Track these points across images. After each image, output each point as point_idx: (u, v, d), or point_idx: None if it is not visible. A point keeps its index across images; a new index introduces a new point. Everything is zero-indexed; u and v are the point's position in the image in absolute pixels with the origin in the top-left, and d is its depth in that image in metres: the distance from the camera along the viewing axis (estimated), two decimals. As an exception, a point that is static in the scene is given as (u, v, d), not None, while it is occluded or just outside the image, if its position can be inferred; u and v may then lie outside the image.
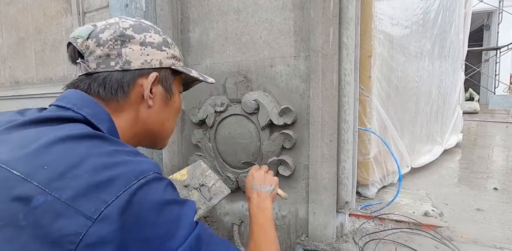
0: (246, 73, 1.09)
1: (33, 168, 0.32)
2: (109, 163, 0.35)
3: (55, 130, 0.38)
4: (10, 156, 0.33)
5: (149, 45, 0.51)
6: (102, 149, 0.37)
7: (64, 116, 0.41)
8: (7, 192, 0.31)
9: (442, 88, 2.13)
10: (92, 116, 0.44)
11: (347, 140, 0.97)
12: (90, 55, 0.48)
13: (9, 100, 2.00)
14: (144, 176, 0.36)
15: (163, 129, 0.57)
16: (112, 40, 0.48)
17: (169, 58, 0.54)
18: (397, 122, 1.52)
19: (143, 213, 0.34)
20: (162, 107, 0.54)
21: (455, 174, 1.82)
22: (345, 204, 0.99)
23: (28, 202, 0.30)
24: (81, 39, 0.48)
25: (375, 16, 1.27)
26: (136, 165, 0.37)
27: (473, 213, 1.20)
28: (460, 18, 2.28)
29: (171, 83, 0.55)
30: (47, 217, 0.30)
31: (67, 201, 0.31)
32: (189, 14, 1.20)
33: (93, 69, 0.48)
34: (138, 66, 0.50)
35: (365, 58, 1.26)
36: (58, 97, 0.47)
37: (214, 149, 1.15)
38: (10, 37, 1.95)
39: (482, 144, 2.84)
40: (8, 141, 0.36)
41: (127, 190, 0.33)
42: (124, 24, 0.50)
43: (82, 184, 0.32)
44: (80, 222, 0.30)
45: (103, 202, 0.32)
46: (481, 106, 6.53)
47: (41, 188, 0.31)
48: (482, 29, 9.91)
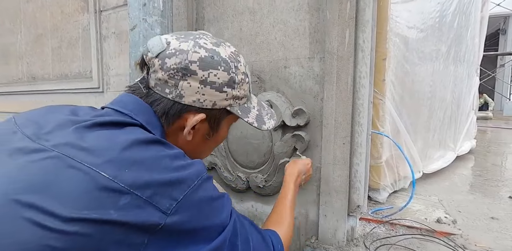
0: (259, 74, 1.09)
1: (118, 170, 0.37)
2: (174, 166, 0.41)
3: (124, 133, 0.43)
4: (96, 159, 0.38)
5: (208, 85, 0.50)
6: (166, 152, 0.43)
7: (124, 121, 0.45)
8: (100, 191, 0.36)
9: (456, 93, 2.08)
10: (147, 123, 0.48)
11: (361, 143, 0.95)
12: (153, 73, 0.50)
13: (26, 95, 2.05)
14: (201, 177, 0.43)
15: (197, 156, 0.58)
16: (174, 69, 0.48)
17: (227, 99, 0.53)
18: (410, 127, 1.49)
19: (202, 205, 0.42)
20: (200, 142, 0.56)
21: (469, 181, 1.78)
22: (357, 208, 0.98)
23: (118, 200, 0.36)
24: (151, 54, 0.49)
25: (390, 18, 1.25)
26: (194, 167, 0.44)
27: (487, 222, 1.17)
28: (476, 22, 2.23)
29: (221, 121, 0.56)
30: (133, 211, 0.36)
31: (148, 198, 0.37)
32: (204, 14, 1.20)
33: (151, 86, 0.51)
34: (189, 103, 0.50)
35: (380, 61, 1.24)
36: (114, 101, 0.50)
37: (225, 148, 1.16)
38: (29, 34, 2.00)
39: (496, 151, 2.77)
40: (87, 142, 0.40)
41: (191, 188, 0.41)
42: (193, 56, 0.48)
43: (157, 184, 0.38)
44: (159, 216, 0.37)
45: (174, 199, 0.39)
46: (496, 113, 6.36)
47: (127, 188, 0.36)
48: (498, 34, 9.68)
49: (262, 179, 1.08)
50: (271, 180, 1.07)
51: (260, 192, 1.11)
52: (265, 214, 1.13)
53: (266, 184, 1.08)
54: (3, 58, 2.20)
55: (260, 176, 1.08)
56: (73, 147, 0.39)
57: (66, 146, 0.39)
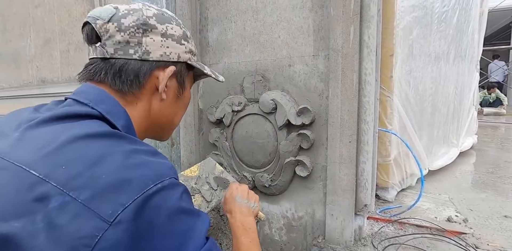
0: (264, 73, 1.09)
1: (52, 168, 0.32)
2: (126, 164, 0.34)
3: (72, 127, 0.37)
4: (29, 157, 0.33)
5: (170, 38, 0.50)
6: (120, 148, 0.36)
7: (80, 113, 0.41)
8: (27, 193, 0.30)
9: (458, 89, 2.05)
10: (108, 113, 0.43)
11: (367, 141, 0.94)
12: (108, 39, 0.46)
13: (35, 98, 2.09)
14: (161, 181, 0.35)
15: (172, 123, 0.57)
16: (134, 27, 0.46)
17: (186, 52, 0.53)
18: (415, 124, 1.47)
19: (158, 219, 0.33)
20: (173, 101, 0.54)
21: (480, 179, 1.74)
22: (364, 207, 0.96)
23: (47, 203, 0.30)
24: (101, 21, 0.45)
25: (397, 14, 1.23)
26: (154, 167, 0.36)
27: (500, 220, 1.14)
28: (476, 17, 2.20)
29: (185, 77, 0.55)
30: (64, 218, 0.29)
31: (84, 201, 0.30)
32: (207, 14, 1.21)
33: (110, 54, 0.46)
34: (157, 58, 0.49)
35: (387, 57, 1.22)
36: (75, 91, 0.47)
37: (231, 148, 1.16)
38: (38, 38, 2.04)
39: (509, 148, 2.70)
40: (27, 141, 0.36)
41: (144, 193, 0.32)
42: (148, 12, 0.48)
43: (100, 184, 0.31)
44: (96, 224, 0.30)
45: (120, 204, 0.31)
46: (508, 108, 6.19)
47: (59, 188, 0.30)
48: (509, 27, 9.41)
49: (268, 178, 1.07)
50: (277, 179, 1.06)
51: (266, 192, 1.11)
52: (271, 213, 1.13)
53: (272, 184, 1.07)
54: (14, 62, 2.25)
55: (265, 175, 1.08)
56: (12, 147, 0.35)
57: (6, 147, 0.35)
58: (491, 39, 10.58)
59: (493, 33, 10.10)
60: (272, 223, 1.14)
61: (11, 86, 2.30)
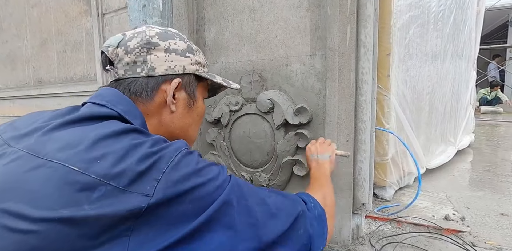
0: (261, 72, 1.09)
1: (89, 162, 0.36)
2: (151, 151, 0.39)
3: (97, 127, 0.41)
4: (65, 154, 0.36)
5: (173, 52, 0.53)
6: (142, 140, 0.41)
7: (100, 114, 0.45)
8: (71, 186, 0.34)
9: (456, 87, 2.07)
10: (126, 113, 0.47)
11: (364, 140, 0.94)
12: (119, 62, 0.51)
13: (33, 99, 2.08)
14: (179, 152, 0.41)
15: (187, 134, 0.59)
16: (138, 47, 0.50)
17: (193, 64, 0.55)
18: (412, 122, 1.48)
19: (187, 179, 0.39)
20: (184, 113, 0.56)
21: (477, 177, 1.75)
22: (362, 206, 0.97)
23: (91, 193, 0.34)
24: (111, 47, 0.51)
25: (394, 13, 1.24)
26: (171, 146, 0.42)
27: (497, 218, 1.14)
28: (473, 16, 2.21)
29: (195, 89, 0.57)
30: (111, 203, 0.34)
31: (125, 187, 0.35)
32: (204, 13, 1.20)
33: (121, 76, 0.51)
34: (162, 73, 0.51)
35: (384, 56, 1.23)
36: (93, 95, 0.50)
37: (228, 148, 1.16)
38: (34, 39, 2.03)
39: (507, 146, 2.72)
40: (57, 140, 0.39)
41: (169, 165, 0.38)
42: (150, 32, 0.52)
43: (133, 171, 0.36)
44: (140, 199, 0.35)
45: (154, 179, 0.37)
46: (505, 107, 6.21)
47: (100, 180, 0.35)
48: (506, 26, 9.45)
49: (266, 178, 1.07)
50: (275, 179, 1.06)
51: (264, 191, 1.11)
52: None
53: (269, 183, 1.07)
54: (10, 63, 2.24)
55: (263, 175, 1.08)
56: (41, 146, 0.38)
57: (35, 145, 0.38)
58: (488, 38, 10.62)
59: (490, 32, 10.14)
60: (271, 222, 1.14)
61: (7, 87, 2.29)
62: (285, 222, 0.45)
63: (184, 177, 0.39)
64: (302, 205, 0.51)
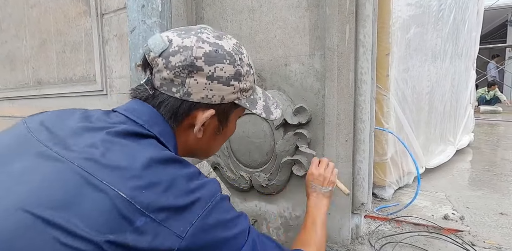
0: (260, 72, 1.09)
1: (135, 191, 0.37)
2: (190, 188, 0.41)
3: (144, 150, 0.43)
4: (116, 178, 0.38)
5: (216, 80, 0.49)
6: (182, 172, 0.43)
7: (139, 132, 0.45)
8: (118, 211, 0.36)
9: (455, 87, 2.07)
10: (161, 135, 0.48)
11: (363, 140, 0.94)
12: (157, 72, 0.49)
13: (32, 99, 2.08)
14: (215, 198, 0.43)
15: (208, 153, 0.61)
16: (180, 67, 0.47)
17: (235, 92, 0.52)
18: (412, 122, 1.48)
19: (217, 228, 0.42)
20: (210, 138, 0.56)
21: (477, 176, 1.75)
22: (361, 206, 0.97)
23: (133, 222, 0.36)
24: (153, 54, 0.48)
25: (393, 13, 1.24)
26: (207, 187, 0.44)
27: (496, 218, 1.15)
28: (472, 15, 2.21)
29: (229, 115, 0.55)
30: (148, 235, 0.36)
31: (162, 222, 0.37)
32: (203, 14, 1.20)
33: (156, 87, 0.50)
34: (197, 100, 0.49)
35: (383, 56, 1.23)
36: (126, 107, 0.50)
37: (228, 148, 1.16)
38: (33, 39, 2.03)
39: (506, 145, 2.72)
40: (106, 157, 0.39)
41: (205, 210, 0.41)
42: (198, 52, 0.47)
43: (172, 206, 0.38)
44: (173, 240, 0.38)
45: (189, 222, 0.39)
46: (505, 106, 6.22)
47: (142, 211, 0.37)
48: (506, 25, 9.45)
49: (265, 178, 1.07)
50: (274, 179, 1.06)
51: (263, 191, 1.11)
52: (268, 213, 1.13)
53: (269, 183, 1.07)
54: (9, 63, 2.24)
55: (263, 175, 1.08)
56: (92, 161, 0.38)
57: (86, 160, 0.39)
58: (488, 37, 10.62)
59: (490, 31, 10.15)
60: (270, 222, 1.14)
61: (6, 88, 2.29)
62: None
63: (216, 227, 0.42)
64: None
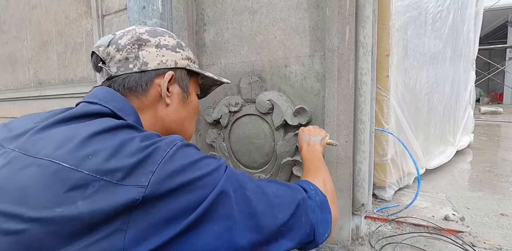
0: (260, 73, 1.09)
1: (81, 159, 0.35)
2: (144, 145, 0.39)
3: (89, 125, 0.41)
4: (56, 152, 0.36)
5: (164, 47, 0.54)
6: (134, 134, 0.40)
7: (92, 112, 0.44)
8: (63, 183, 0.34)
9: (455, 88, 2.07)
10: (119, 110, 0.47)
11: (363, 141, 0.95)
12: (111, 60, 0.52)
13: (32, 100, 2.09)
14: (174, 144, 0.40)
15: (183, 129, 0.59)
16: (130, 44, 0.51)
17: (183, 59, 0.57)
18: (412, 123, 1.48)
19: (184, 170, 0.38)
20: (179, 106, 0.56)
21: (477, 177, 1.75)
22: (361, 206, 0.97)
23: (84, 190, 0.33)
24: (102, 47, 0.52)
25: (393, 14, 1.24)
26: (165, 139, 0.41)
27: (497, 218, 1.14)
28: (471, 17, 2.22)
29: (187, 83, 0.58)
30: (105, 198, 0.33)
31: (119, 181, 0.34)
32: (203, 15, 1.21)
33: (114, 73, 0.52)
34: (155, 67, 0.52)
35: (383, 57, 1.23)
36: (87, 95, 0.50)
37: (228, 148, 1.16)
38: (34, 40, 2.04)
39: (506, 146, 2.72)
40: (48, 138, 0.38)
41: (164, 157, 0.37)
42: (140, 30, 0.54)
43: (128, 164, 0.35)
44: (136, 191, 0.34)
45: (149, 172, 0.36)
46: (505, 107, 6.21)
47: (92, 175, 0.34)
48: (506, 26, 9.46)
49: (265, 178, 1.08)
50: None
51: (264, 192, 1.11)
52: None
53: (269, 184, 1.07)
54: (11, 64, 2.25)
55: (263, 175, 1.08)
56: (32, 144, 0.38)
57: (26, 144, 0.38)
58: (488, 38, 10.62)
59: (490, 32, 10.15)
60: (270, 223, 1.14)
61: (8, 89, 2.30)
62: (286, 211, 0.44)
63: (180, 169, 0.38)
64: (302, 193, 0.49)
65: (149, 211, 0.34)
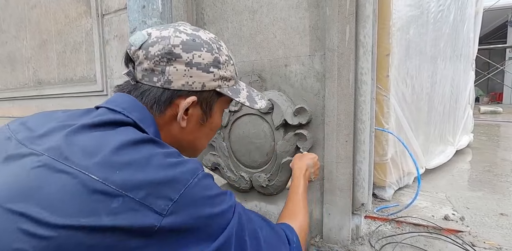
0: (260, 73, 1.09)
1: (108, 172, 0.36)
2: (167, 164, 0.40)
3: (114, 134, 0.42)
4: (85, 162, 0.37)
5: (194, 66, 0.50)
6: (159, 151, 0.42)
7: (116, 120, 0.45)
8: (90, 194, 0.35)
9: (454, 87, 2.07)
10: (140, 121, 0.47)
11: (363, 141, 0.94)
12: (139, 65, 0.50)
13: (32, 100, 2.08)
14: (197, 175, 0.41)
15: (195, 146, 0.59)
16: (159, 56, 0.48)
17: (215, 80, 0.52)
18: (412, 122, 1.48)
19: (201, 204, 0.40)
20: (196, 128, 0.55)
21: (477, 177, 1.75)
22: (361, 206, 0.97)
23: (109, 203, 0.35)
24: (134, 47, 0.49)
25: (393, 13, 1.24)
26: (188, 165, 0.42)
27: (496, 218, 1.14)
28: (471, 16, 2.22)
29: (213, 104, 0.55)
30: (127, 214, 0.35)
31: (141, 200, 0.36)
32: (203, 14, 1.21)
33: (138, 79, 0.51)
34: (178, 87, 0.50)
35: (383, 57, 1.23)
36: (108, 100, 0.50)
37: (228, 148, 1.16)
38: (34, 40, 2.03)
39: (506, 146, 2.72)
40: (79, 145, 0.39)
41: (187, 187, 0.39)
42: (175, 40, 0.49)
43: (151, 181, 0.37)
44: (154, 217, 0.36)
45: (170, 199, 0.37)
46: (505, 106, 6.22)
47: (118, 191, 0.35)
48: (506, 26, 9.46)
49: (265, 178, 1.08)
50: (274, 179, 1.06)
51: (264, 192, 1.11)
52: (269, 213, 1.13)
53: (269, 183, 1.07)
54: (10, 64, 2.24)
55: (263, 175, 1.08)
56: (62, 150, 0.38)
57: (55, 149, 0.38)
58: (488, 38, 10.63)
59: (490, 32, 10.15)
60: (270, 223, 1.14)
61: (7, 88, 2.30)
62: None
63: (201, 204, 0.40)
64: (287, 245, 0.53)
65: (163, 241, 0.37)
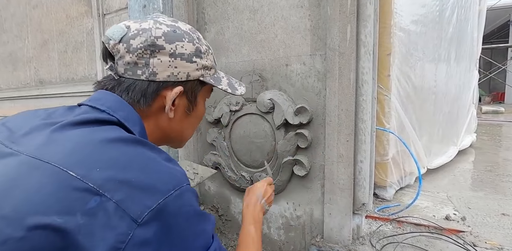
0: (261, 72, 1.09)
1: (88, 169, 0.35)
2: (152, 170, 0.38)
3: (98, 131, 0.41)
4: (64, 158, 0.36)
5: (178, 57, 0.50)
6: (145, 154, 0.40)
7: (101, 119, 0.43)
8: (67, 192, 0.33)
9: (458, 87, 2.06)
10: (125, 119, 0.46)
11: (364, 140, 0.94)
12: (120, 59, 0.48)
13: (33, 99, 2.09)
14: (180, 187, 0.39)
15: (182, 136, 0.59)
16: (142, 48, 0.47)
17: (198, 69, 0.53)
18: (415, 122, 1.47)
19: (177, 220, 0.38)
20: (183, 118, 0.55)
21: (478, 177, 1.74)
22: (362, 206, 0.96)
23: (86, 203, 0.33)
24: (113, 41, 0.48)
25: (394, 12, 1.23)
26: (173, 174, 0.41)
27: (498, 218, 1.14)
28: (475, 15, 2.21)
29: (197, 94, 0.55)
30: (102, 216, 0.33)
31: (118, 202, 0.34)
32: (204, 14, 1.21)
33: (121, 74, 0.49)
34: (164, 79, 0.49)
35: (384, 56, 1.22)
36: (91, 98, 0.48)
37: (229, 148, 1.16)
38: (35, 39, 2.04)
39: (508, 146, 2.71)
40: (56, 143, 0.38)
41: (167, 198, 0.37)
42: (157, 32, 0.48)
43: (130, 187, 0.35)
44: (128, 224, 0.34)
45: (147, 207, 0.35)
46: (507, 106, 6.19)
47: (96, 189, 0.34)
48: (508, 25, 9.42)
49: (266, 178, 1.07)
50: (275, 179, 1.06)
51: (265, 191, 1.11)
52: (269, 213, 1.13)
53: (270, 183, 1.07)
54: (11, 63, 2.25)
55: (264, 175, 1.08)
56: (42, 148, 0.37)
57: (36, 148, 0.37)
58: (490, 38, 10.58)
59: (492, 32, 10.11)
60: (271, 222, 1.14)
61: (9, 88, 2.30)
62: None
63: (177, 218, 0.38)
64: None
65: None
